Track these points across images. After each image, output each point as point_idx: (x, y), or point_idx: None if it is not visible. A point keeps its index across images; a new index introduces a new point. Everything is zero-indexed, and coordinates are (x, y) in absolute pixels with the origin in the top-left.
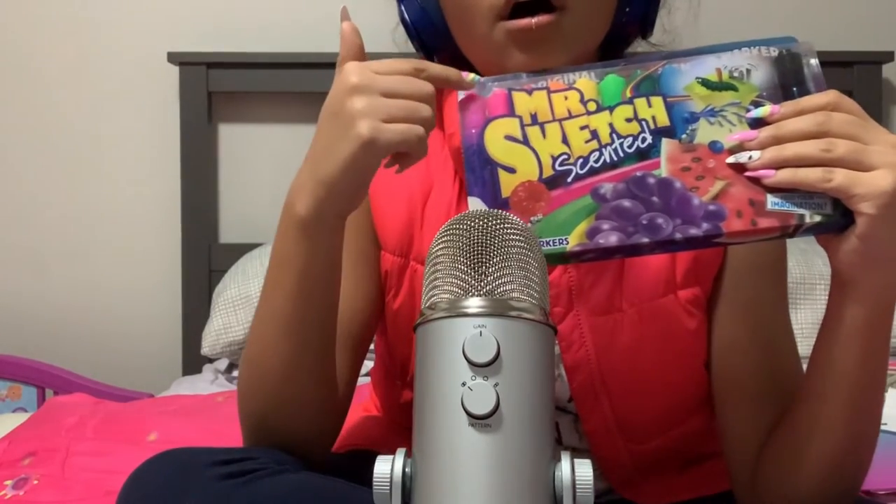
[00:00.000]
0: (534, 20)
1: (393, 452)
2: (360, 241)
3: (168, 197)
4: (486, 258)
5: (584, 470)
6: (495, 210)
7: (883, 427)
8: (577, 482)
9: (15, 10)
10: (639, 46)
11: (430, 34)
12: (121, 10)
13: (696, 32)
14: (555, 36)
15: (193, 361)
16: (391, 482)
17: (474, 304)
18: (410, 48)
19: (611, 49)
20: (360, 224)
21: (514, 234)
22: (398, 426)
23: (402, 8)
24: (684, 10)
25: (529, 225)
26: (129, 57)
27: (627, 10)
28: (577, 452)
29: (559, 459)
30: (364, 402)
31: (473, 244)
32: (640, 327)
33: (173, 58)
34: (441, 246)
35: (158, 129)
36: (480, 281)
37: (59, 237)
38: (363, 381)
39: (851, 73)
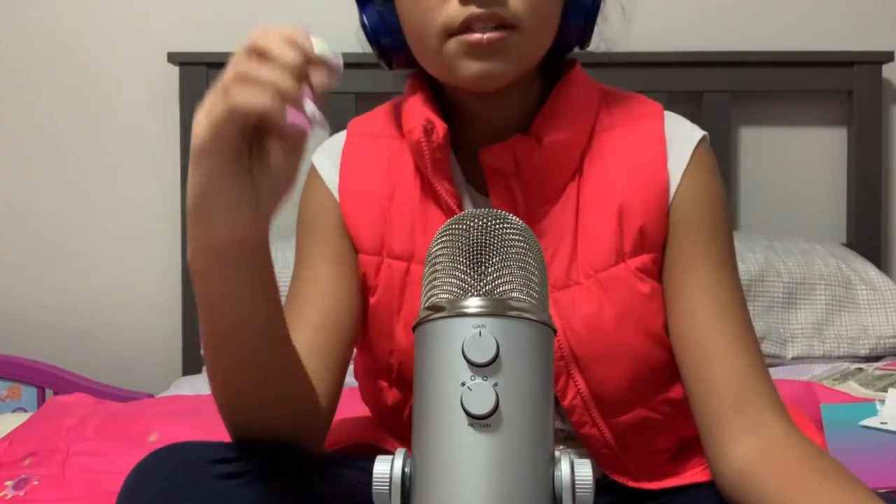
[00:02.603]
0: (485, 36)
1: (392, 451)
2: (336, 242)
3: (168, 197)
4: (485, 258)
5: (584, 470)
6: (495, 210)
7: (883, 427)
8: (577, 482)
9: (15, 11)
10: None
11: (389, 41)
12: (121, 10)
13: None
14: (505, 50)
15: (193, 361)
16: (391, 482)
17: (474, 304)
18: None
19: (552, 59)
20: (333, 226)
21: (513, 233)
22: (390, 431)
23: (363, 14)
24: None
25: None
26: (129, 57)
27: (569, 25)
28: (562, 434)
29: (559, 460)
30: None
31: (473, 244)
32: (599, 296)
33: (173, 58)
34: (440, 246)
35: (158, 129)
36: (480, 281)
37: (59, 237)
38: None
39: (851, 73)
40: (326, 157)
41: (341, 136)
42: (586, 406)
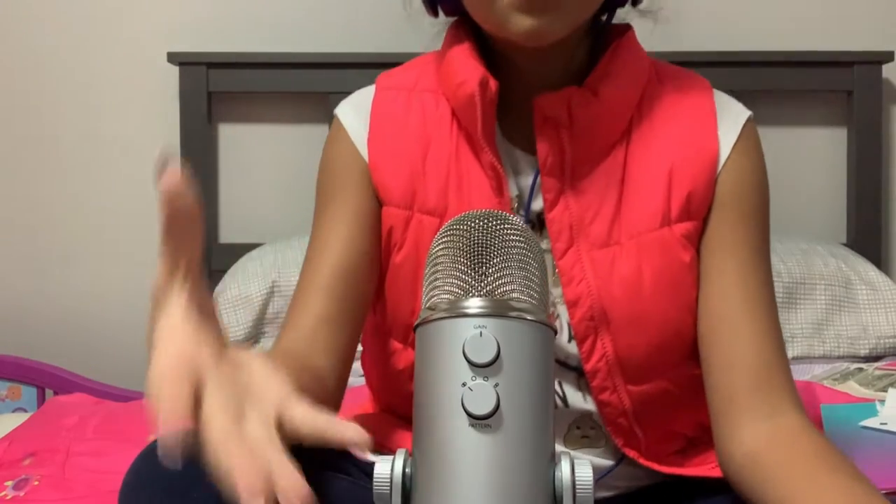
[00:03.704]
0: None
1: (393, 451)
2: (355, 201)
3: None
4: (486, 258)
5: (584, 470)
6: (495, 210)
7: (883, 427)
8: (577, 483)
9: (15, 10)
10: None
11: None
12: (121, 10)
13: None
14: (560, 6)
15: None
16: (391, 482)
17: (474, 304)
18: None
19: (601, 14)
20: (355, 186)
21: (514, 234)
22: (397, 419)
23: None
24: None
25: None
26: (129, 57)
27: None
28: (577, 433)
29: (559, 460)
30: (361, 403)
31: (473, 244)
32: (638, 259)
33: (173, 58)
34: (441, 246)
35: (158, 129)
36: (481, 281)
37: (58, 237)
38: (358, 382)
39: (851, 73)
40: (353, 112)
41: (369, 91)
42: (610, 370)
